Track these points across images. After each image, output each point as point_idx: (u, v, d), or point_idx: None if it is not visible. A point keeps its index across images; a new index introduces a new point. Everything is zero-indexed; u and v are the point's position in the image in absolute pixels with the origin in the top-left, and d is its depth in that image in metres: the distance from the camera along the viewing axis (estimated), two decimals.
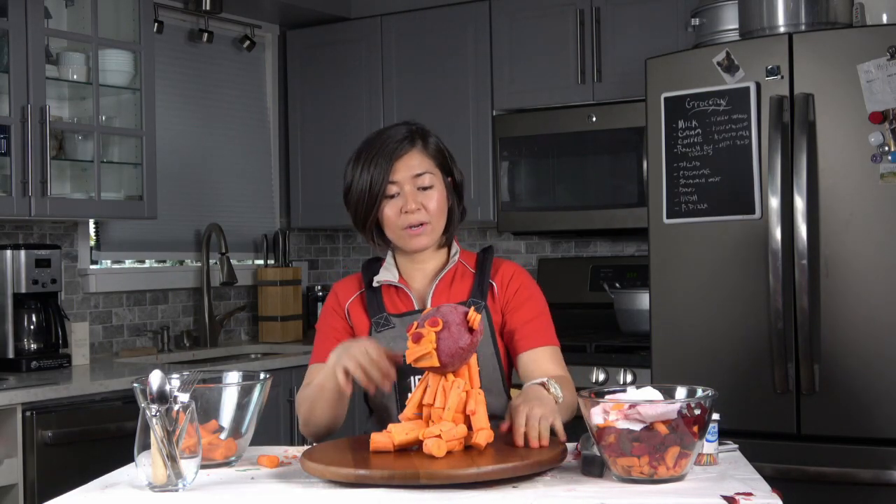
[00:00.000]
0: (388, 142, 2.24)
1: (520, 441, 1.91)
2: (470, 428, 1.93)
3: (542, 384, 2.06)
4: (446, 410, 1.92)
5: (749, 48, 3.31)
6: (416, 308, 2.29)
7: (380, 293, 2.31)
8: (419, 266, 2.32)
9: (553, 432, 1.94)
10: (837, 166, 3.18)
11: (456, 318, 1.94)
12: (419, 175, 2.23)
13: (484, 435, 1.92)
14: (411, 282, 2.32)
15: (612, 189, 4.11)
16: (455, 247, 2.35)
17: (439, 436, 1.88)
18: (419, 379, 2.14)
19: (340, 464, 1.84)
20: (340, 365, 2.03)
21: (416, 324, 1.95)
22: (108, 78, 3.89)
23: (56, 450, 3.21)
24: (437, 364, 1.92)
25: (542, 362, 2.25)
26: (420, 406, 1.97)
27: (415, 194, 2.22)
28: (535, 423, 1.91)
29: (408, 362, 1.95)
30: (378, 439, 1.92)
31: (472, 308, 1.99)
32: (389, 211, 2.23)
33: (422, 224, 2.23)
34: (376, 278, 2.31)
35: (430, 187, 2.24)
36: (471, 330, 1.94)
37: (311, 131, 4.90)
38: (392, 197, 2.23)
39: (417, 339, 1.92)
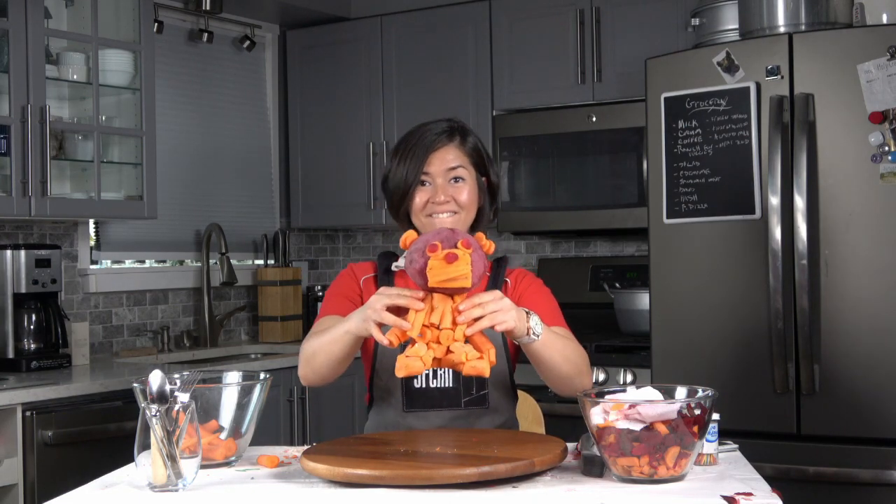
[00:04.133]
0: (427, 134, 2.29)
1: (463, 308, 1.89)
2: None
3: (525, 313, 2.02)
4: (458, 330, 1.89)
5: (749, 48, 3.31)
6: None
7: (392, 279, 2.33)
8: None
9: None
10: (837, 166, 3.18)
11: (475, 241, 1.94)
12: (452, 168, 2.27)
13: (494, 352, 1.91)
14: None
15: (612, 189, 4.11)
16: None
17: (482, 357, 1.88)
18: None
19: (340, 464, 1.84)
20: (369, 320, 1.95)
21: (439, 244, 1.89)
22: (108, 78, 3.89)
23: (56, 450, 3.21)
24: (470, 285, 1.89)
25: None
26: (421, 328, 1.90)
27: (445, 187, 2.27)
28: (483, 310, 1.90)
29: (431, 284, 1.88)
30: (412, 364, 1.86)
31: (481, 234, 2.00)
32: (419, 199, 2.27)
33: (450, 213, 2.27)
34: (395, 264, 2.34)
35: (462, 180, 2.28)
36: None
37: (311, 131, 4.90)
38: (423, 185, 2.27)
39: (453, 259, 1.88)
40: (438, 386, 2.24)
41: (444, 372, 2.24)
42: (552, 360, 2.09)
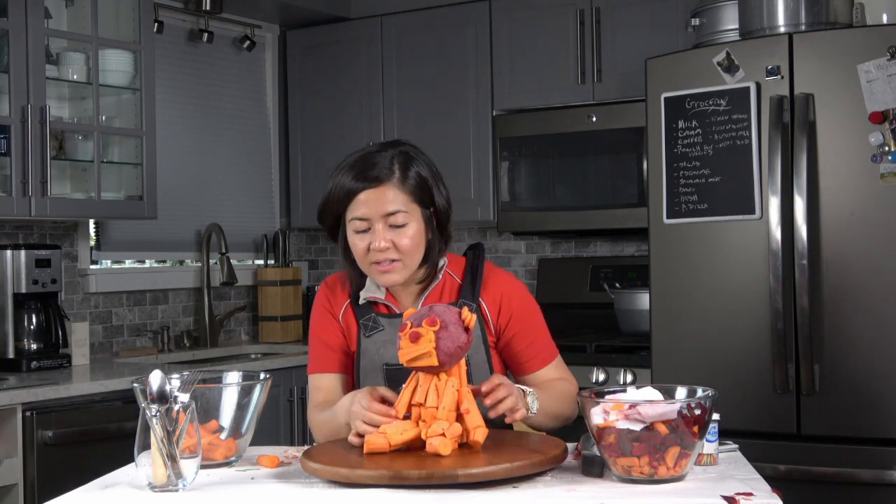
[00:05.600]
0: (368, 169, 2.13)
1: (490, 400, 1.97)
2: (462, 427, 1.93)
3: (522, 391, 2.07)
4: (441, 409, 1.91)
5: (749, 48, 3.31)
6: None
7: (371, 314, 2.25)
8: (404, 282, 2.23)
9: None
10: (837, 166, 3.18)
11: (452, 317, 1.94)
12: (391, 213, 2.12)
13: (481, 432, 1.92)
14: (398, 298, 2.26)
15: (612, 189, 4.11)
16: (442, 259, 2.26)
17: (443, 434, 1.88)
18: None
19: (340, 464, 1.84)
20: (353, 430, 1.99)
21: (409, 323, 1.93)
22: (108, 78, 3.89)
23: (56, 450, 3.21)
24: (437, 363, 1.91)
25: (548, 376, 2.27)
26: (409, 406, 1.96)
27: (385, 231, 2.12)
28: (507, 403, 1.98)
29: (402, 362, 1.94)
30: (373, 441, 1.91)
31: (465, 308, 1.98)
32: (360, 244, 2.15)
33: (392, 261, 2.14)
34: (362, 293, 2.25)
35: (403, 225, 2.13)
36: (466, 329, 1.94)
37: (311, 131, 4.90)
38: (363, 232, 2.14)
39: (416, 338, 1.90)
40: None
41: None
42: (543, 424, 2.17)
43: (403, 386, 1.99)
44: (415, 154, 2.19)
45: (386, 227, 2.12)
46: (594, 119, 4.12)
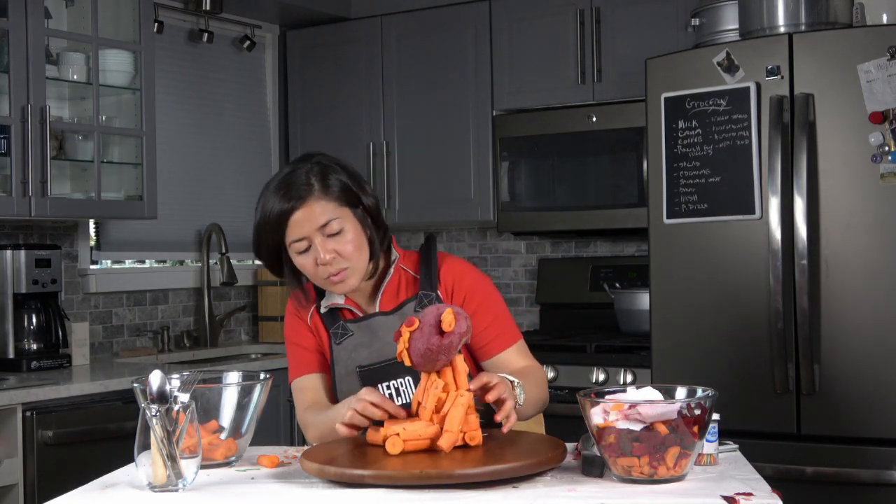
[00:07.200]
0: (289, 190, 2.13)
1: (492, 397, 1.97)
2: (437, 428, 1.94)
3: (511, 383, 2.06)
4: (423, 410, 1.94)
5: (749, 48, 3.31)
6: (375, 313, 2.26)
7: (338, 321, 2.27)
8: (360, 283, 2.24)
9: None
10: (837, 166, 3.18)
11: (430, 318, 1.95)
12: (324, 224, 2.13)
13: (448, 438, 1.89)
14: (356, 299, 2.28)
15: (612, 189, 4.11)
16: (393, 253, 2.28)
17: (398, 434, 1.90)
18: (387, 386, 2.21)
19: (340, 464, 1.84)
20: (346, 421, 2.02)
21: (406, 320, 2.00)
22: (108, 78, 3.90)
23: (56, 450, 3.21)
24: (409, 363, 1.95)
25: (511, 362, 2.25)
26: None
27: (325, 243, 2.13)
28: (511, 404, 1.97)
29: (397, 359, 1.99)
30: (371, 433, 1.98)
31: (449, 310, 1.96)
32: (307, 264, 2.15)
33: (341, 270, 2.15)
34: (323, 303, 2.27)
35: (340, 232, 2.14)
36: (441, 332, 1.93)
37: (311, 131, 4.90)
38: (305, 251, 2.15)
39: (396, 338, 1.97)
40: (402, 403, 2.20)
41: (406, 390, 2.22)
42: (527, 413, 2.16)
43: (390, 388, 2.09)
44: (328, 162, 2.21)
45: (324, 238, 2.14)
46: (594, 119, 4.12)
